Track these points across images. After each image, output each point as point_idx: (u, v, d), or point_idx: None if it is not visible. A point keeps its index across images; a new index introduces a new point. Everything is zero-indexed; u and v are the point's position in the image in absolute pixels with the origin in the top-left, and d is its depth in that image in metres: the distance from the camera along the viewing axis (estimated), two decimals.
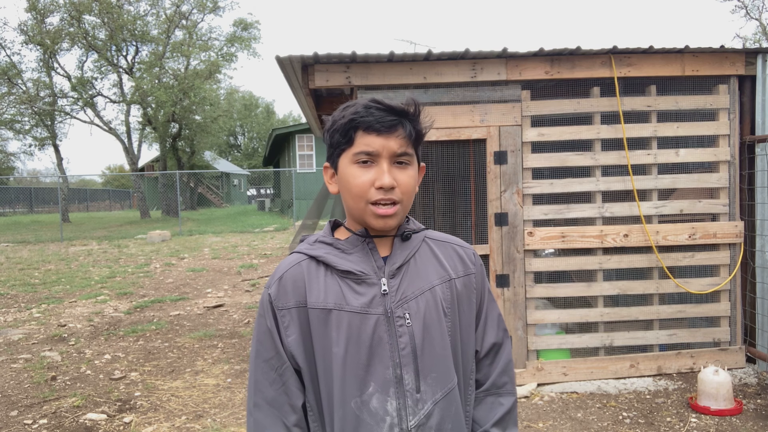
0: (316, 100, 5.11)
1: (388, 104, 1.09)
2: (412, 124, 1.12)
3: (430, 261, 1.21)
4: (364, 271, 1.14)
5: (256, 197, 45.24)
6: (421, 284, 1.17)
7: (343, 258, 1.15)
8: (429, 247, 1.24)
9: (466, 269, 1.24)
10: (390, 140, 1.09)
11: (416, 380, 1.12)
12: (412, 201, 1.16)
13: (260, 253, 12.58)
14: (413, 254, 1.20)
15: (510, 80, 4.01)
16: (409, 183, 1.12)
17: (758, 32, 25.05)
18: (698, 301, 4.25)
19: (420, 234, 1.24)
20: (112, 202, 43.54)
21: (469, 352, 1.24)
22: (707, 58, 4.07)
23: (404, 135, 1.10)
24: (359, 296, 1.12)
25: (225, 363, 4.94)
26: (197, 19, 25.82)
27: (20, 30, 23.57)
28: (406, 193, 1.12)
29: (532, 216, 4.05)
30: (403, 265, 1.17)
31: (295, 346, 1.14)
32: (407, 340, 1.12)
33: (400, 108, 1.10)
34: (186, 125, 28.15)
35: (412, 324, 1.13)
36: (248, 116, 54.58)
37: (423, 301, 1.16)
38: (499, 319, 1.30)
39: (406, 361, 1.12)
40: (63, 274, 10.37)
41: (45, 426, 3.73)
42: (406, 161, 1.12)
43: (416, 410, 1.11)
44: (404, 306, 1.14)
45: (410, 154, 1.12)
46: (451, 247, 1.27)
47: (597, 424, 3.48)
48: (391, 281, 1.15)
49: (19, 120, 24.76)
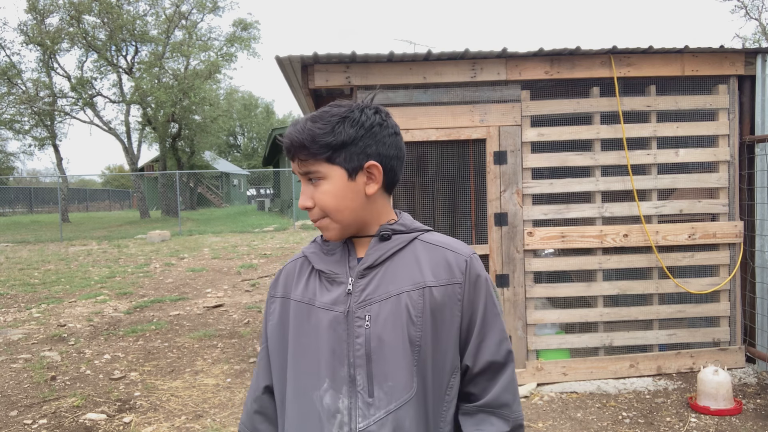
0: (316, 100, 5.11)
1: (287, 133, 1.15)
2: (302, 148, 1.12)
3: (408, 265, 1.16)
4: (334, 270, 1.18)
5: (255, 197, 45.25)
6: (392, 288, 1.13)
7: (322, 257, 1.21)
8: (414, 251, 1.18)
9: (451, 278, 1.15)
10: (295, 164, 1.15)
11: (369, 384, 1.11)
12: (346, 209, 1.15)
13: (260, 253, 12.58)
14: (389, 255, 1.16)
15: (510, 80, 4.01)
16: (322, 198, 1.14)
17: (758, 32, 25.05)
18: (698, 301, 4.26)
19: (408, 236, 1.19)
20: (111, 202, 43.52)
21: (445, 366, 1.15)
22: (707, 58, 4.07)
23: (306, 157, 1.13)
24: (328, 294, 1.17)
25: (225, 363, 4.94)
26: (197, 19, 25.84)
27: (20, 30, 23.59)
28: (323, 208, 1.14)
29: (532, 216, 4.05)
30: (374, 266, 1.15)
31: (272, 332, 1.25)
32: (363, 341, 1.12)
33: (289, 138, 1.14)
34: (186, 125, 28.14)
35: (370, 327, 1.12)
36: (248, 116, 54.58)
37: (388, 305, 1.12)
38: (501, 339, 1.18)
39: (360, 363, 1.12)
40: (63, 274, 10.37)
41: (45, 426, 3.73)
42: (316, 177, 1.14)
43: (367, 414, 1.10)
44: (366, 308, 1.13)
45: (314, 171, 1.13)
46: (443, 252, 1.18)
47: (597, 424, 3.48)
48: (359, 281, 1.15)
49: (19, 120, 24.74)
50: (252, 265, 10.73)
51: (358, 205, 1.15)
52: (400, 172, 1.22)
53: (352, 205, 1.15)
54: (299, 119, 1.17)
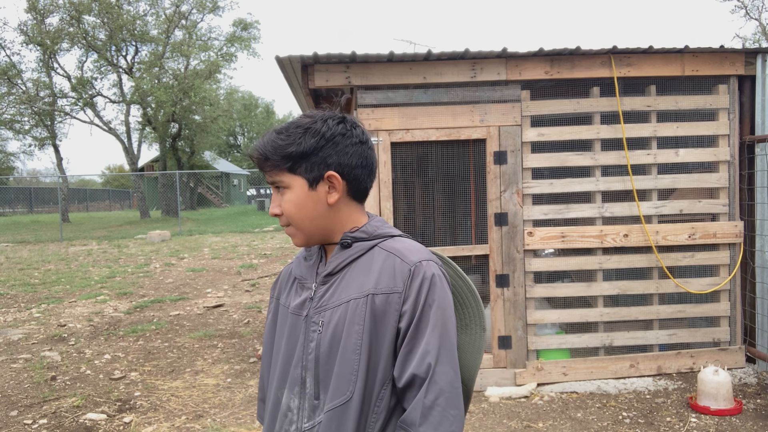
0: (316, 100, 5.11)
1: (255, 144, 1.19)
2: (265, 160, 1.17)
3: (363, 272, 1.17)
4: (304, 275, 1.26)
5: (255, 197, 45.22)
6: (343, 295, 1.17)
7: (300, 263, 1.30)
8: (371, 257, 1.18)
9: (393, 286, 1.13)
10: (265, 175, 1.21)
11: (316, 386, 1.16)
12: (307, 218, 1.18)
13: (260, 253, 12.58)
14: (348, 263, 1.19)
15: (510, 80, 4.01)
16: (286, 206, 1.18)
17: (758, 32, 25.04)
18: (698, 301, 4.26)
19: (368, 243, 1.19)
20: (111, 202, 43.51)
21: (377, 376, 1.13)
22: (707, 58, 4.07)
23: (269, 167, 1.17)
24: (298, 298, 1.25)
25: (225, 363, 4.94)
26: (197, 19, 25.82)
27: (20, 30, 23.57)
28: (288, 216, 1.19)
29: (532, 216, 4.05)
30: (334, 272, 1.20)
31: (267, 331, 1.35)
32: (314, 346, 1.17)
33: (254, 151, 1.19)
34: (186, 125, 28.14)
35: (322, 332, 1.17)
36: (248, 116, 54.54)
37: (338, 312, 1.16)
38: (426, 351, 1.10)
39: (310, 366, 1.17)
40: (63, 274, 10.37)
41: (45, 426, 3.73)
42: (282, 186, 1.18)
43: (312, 415, 1.16)
44: (321, 313, 1.18)
45: (278, 180, 1.18)
46: (393, 259, 1.16)
47: (597, 424, 3.48)
48: (320, 288, 1.21)
49: (19, 120, 24.74)
50: (252, 265, 10.73)
51: (319, 213, 1.18)
52: (368, 181, 1.23)
53: (312, 213, 1.18)
54: (268, 131, 1.21)
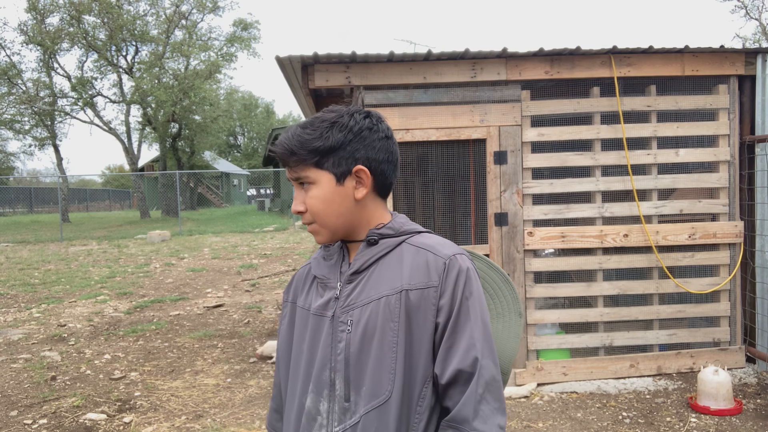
0: (316, 100, 5.11)
1: (280, 139, 1.16)
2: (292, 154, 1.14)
3: (391, 268, 1.14)
4: (326, 275, 1.21)
5: (255, 197, 45.23)
6: (372, 293, 1.13)
7: (320, 263, 1.25)
8: (400, 254, 1.16)
9: (428, 281, 1.11)
10: (288, 169, 1.17)
11: (346, 388, 1.12)
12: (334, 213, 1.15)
13: (260, 253, 12.58)
14: (375, 260, 1.16)
15: (510, 80, 4.01)
16: (311, 203, 1.15)
17: (758, 32, 25.05)
18: (698, 301, 4.26)
19: (394, 239, 1.17)
20: (111, 202, 43.50)
21: (418, 374, 1.11)
22: (707, 58, 4.07)
23: (295, 162, 1.15)
24: (321, 299, 1.20)
25: (225, 363, 4.94)
26: (197, 19, 25.82)
27: (20, 30, 23.58)
28: (314, 213, 1.16)
29: (532, 216, 4.05)
30: (361, 270, 1.16)
31: (282, 335, 1.29)
32: (343, 347, 1.13)
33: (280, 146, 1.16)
34: (186, 125, 28.13)
35: (351, 332, 1.13)
36: (248, 116, 54.55)
37: (368, 310, 1.12)
38: (469, 345, 1.09)
39: (339, 368, 1.13)
40: (63, 274, 10.37)
41: (45, 426, 3.73)
42: (307, 182, 1.16)
43: (343, 418, 1.11)
44: (349, 312, 1.14)
45: (304, 176, 1.15)
46: (425, 254, 1.14)
47: (597, 424, 3.48)
48: (346, 287, 1.17)
49: (19, 120, 24.73)
50: (252, 265, 10.73)
51: (346, 209, 1.16)
52: (393, 176, 1.21)
53: (340, 209, 1.15)
54: (291, 126, 1.18)
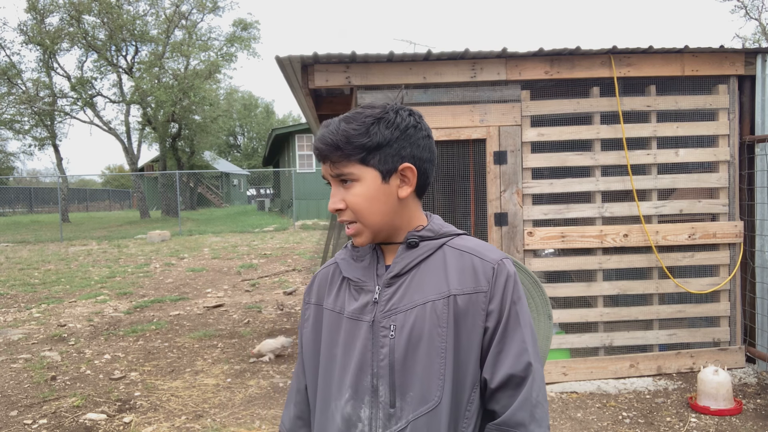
0: (315, 100, 5.11)
1: (320, 135, 1.11)
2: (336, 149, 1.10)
3: (435, 272, 1.12)
4: (362, 278, 1.16)
5: (255, 197, 45.22)
6: (417, 297, 1.11)
7: (351, 265, 1.20)
8: (443, 257, 1.14)
9: (477, 285, 1.10)
10: (326, 166, 1.13)
11: (391, 394, 1.09)
12: (378, 212, 1.12)
13: (260, 253, 12.58)
14: (417, 263, 1.13)
15: (510, 80, 4.01)
16: (354, 201, 1.11)
17: (758, 32, 25.04)
18: (698, 300, 4.26)
19: (436, 242, 1.16)
20: (111, 202, 43.51)
21: (467, 379, 1.11)
22: (707, 58, 4.07)
23: (339, 158, 1.10)
24: (356, 302, 1.15)
25: (225, 363, 4.94)
26: (197, 19, 25.82)
27: (20, 30, 23.56)
28: (356, 211, 1.11)
29: (532, 216, 4.05)
30: (401, 274, 1.13)
31: (307, 339, 1.24)
32: (387, 352, 1.10)
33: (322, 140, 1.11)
34: (186, 125, 28.14)
35: (395, 337, 1.10)
36: (248, 116, 54.58)
37: (413, 315, 1.10)
38: (521, 350, 1.10)
39: (383, 373, 1.10)
40: (63, 274, 10.37)
41: (45, 426, 3.73)
42: (350, 179, 1.11)
43: (388, 424, 1.09)
44: (391, 317, 1.11)
45: (347, 173, 1.10)
46: (470, 258, 1.13)
47: (597, 424, 3.48)
48: (385, 290, 1.13)
49: (19, 120, 24.73)
50: (252, 265, 10.73)
51: (389, 208, 1.13)
52: (432, 175, 1.19)
53: (384, 208, 1.12)
54: (331, 120, 1.13)
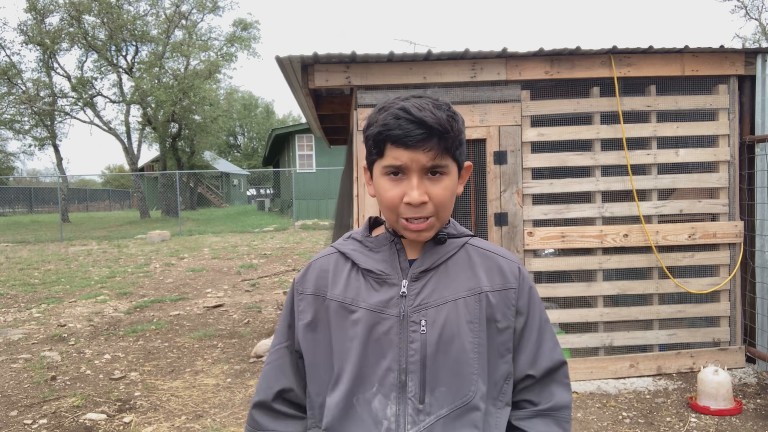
0: (316, 100, 5.11)
1: (418, 116, 1.01)
2: (445, 134, 1.03)
3: (463, 270, 1.13)
4: (385, 270, 1.12)
5: (255, 197, 45.24)
6: (447, 293, 1.11)
7: (368, 256, 1.15)
8: (468, 255, 1.15)
9: (505, 282, 1.14)
10: (418, 154, 1.03)
11: (421, 390, 1.08)
12: (452, 208, 1.11)
13: (260, 253, 12.58)
14: (445, 260, 1.13)
15: (510, 80, 4.01)
16: (443, 195, 1.07)
17: (758, 32, 25.06)
18: (698, 300, 4.26)
19: (460, 240, 1.17)
20: (111, 202, 43.52)
21: (499, 372, 1.13)
22: (707, 58, 4.07)
23: (435, 147, 1.03)
24: (377, 295, 1.11)
25: (225, 363, 4.94)
26: (197, 19, 25.83)
27: (20, 30, 23.56)
28: (440, 205, 1.07)
29: (532, 216, 4.05)
30: (430, 269, 1.12)
31: (303, 332, 1.17)
32: (418, 347, 1.08)
33: (432, 122, 1.02)
34: (186, 125, 28.14)
35: (427, 332, 1.08)
36: (248, 116, 54.60)
37: (445, 311, 1.09)
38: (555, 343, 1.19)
39: (413, 369, 1.08)
40: (63, 274, 10.37)
41: (45, 426, 3.73)
42: (440, 172, 1.06)
43: (417, 420, 1.07)
44: (422, 312, 1.09)
45: (443, 165, 1.05)
46: (496, 258, 1.16)
47: (597, 424, 3.48)
48: (413, 284, 1.11)
49: (19, 120, 24.73)
50: (252, 265, 10.73)
51: (453, 204, 1.13)
52: None
53: (452, 204, 1.12)
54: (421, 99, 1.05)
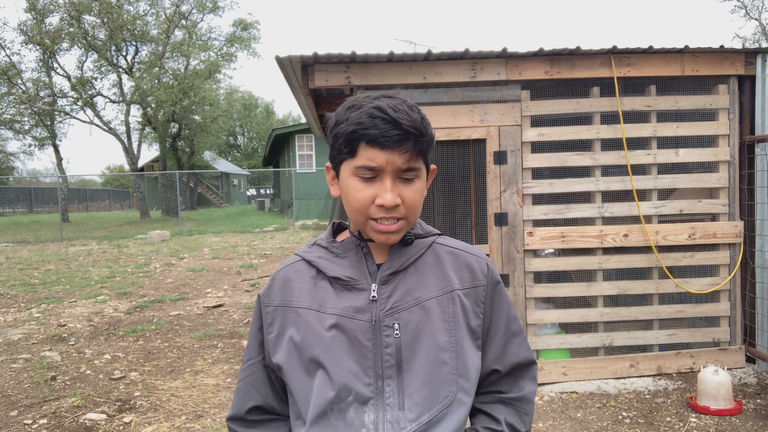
0: (315, 99, 5.11)
1: (394, 116, 0.99)
2: (420, 137, 1.02)
3: (432, 270, 1.12)
4: (354, 276, 1.09)
5: (255, 197, 45.24)
6: (419, 294, 1.09)
7: (334, 263, 1.12)
8: (436, 255, 1.14)
9: (474, 280, 1.14)
10: (394, 155, 1.00)
11: (399, 395, 1.04)
12: (420, 211, 1.09)
13: (260, 253, 12.58)
14: (413, 261, 1.12)
15: (510, 80, 4.01)
16: (414, 197, 1.05)
17: (758, 32, 25.06)
18: (698, 300, 4.26)
19: (427, 240, 1.15)
20: (111, 202, 43.52)
21: (473, 369, 1.11)
22: (707, 58, 4.07)
23: (411, 149, 1.01)
24: (347, 301, 1.08)
25: (225, 363, 4.94)
26: (197, 19, 25.83)
27: (20, 30, 23.56)
28: (411, 208, 1.05)
29: (532, 216, 4.05)
30: (398, 271, 1.10)
31: (274, 344, 1.12)
32: (393, 351, 1.05)
33: (408, 123, 1.00)
34: (186, 125, 28.16)
35: (401, 336, 1.06)
36: (248, 116, 54.59)
37: (416, 312, 1.07)
38: (523, 338, 1.20)
39: (390, 374, 1.05)
40: (63, 274, 10.37)
41: (45, 426, 3.73)
42: (412, 176, 1.04)
43: (397, 427, 1.03)
44: (394, 315, 1.07)
45: (416, 168, 1.03)
46: (464, 256, 1.16)
47: (597, 424, 3.48)
48: (382, 288, 1.08)
49: (19, 120, 24.74)
50: (252, 265, 10.73)
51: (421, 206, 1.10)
52: None
53: (421, 206, 1.10)
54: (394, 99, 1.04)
